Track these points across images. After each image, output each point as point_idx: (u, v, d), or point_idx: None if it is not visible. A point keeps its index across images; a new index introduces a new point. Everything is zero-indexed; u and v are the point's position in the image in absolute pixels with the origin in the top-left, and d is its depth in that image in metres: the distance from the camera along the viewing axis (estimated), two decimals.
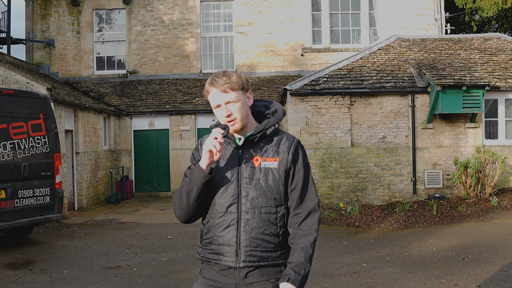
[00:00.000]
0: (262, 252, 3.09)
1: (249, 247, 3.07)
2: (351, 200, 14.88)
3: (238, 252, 3.08)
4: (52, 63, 24.25)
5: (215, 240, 3.12)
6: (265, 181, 3.10)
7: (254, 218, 3.08)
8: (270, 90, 22.12)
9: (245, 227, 3.07)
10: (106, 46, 24.51)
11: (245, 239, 3.07)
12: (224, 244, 3.10)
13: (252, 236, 3.07)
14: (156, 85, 23.30)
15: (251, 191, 3.09)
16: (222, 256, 3.11)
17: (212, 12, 24.14)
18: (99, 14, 24.44)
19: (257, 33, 23.76)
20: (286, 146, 3.15)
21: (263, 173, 3.11)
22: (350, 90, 15.23)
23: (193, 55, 23.87)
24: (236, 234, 3.08)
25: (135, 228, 13.81)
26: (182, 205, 3.15)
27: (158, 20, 23.94)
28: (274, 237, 3.11)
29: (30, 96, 11.90)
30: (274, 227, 3.11)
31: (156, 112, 21.55)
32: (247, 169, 3.11)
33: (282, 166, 3.12)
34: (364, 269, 8.79)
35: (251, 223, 3.07)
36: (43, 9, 24.36)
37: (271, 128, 3.18)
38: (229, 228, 3.09)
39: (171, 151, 21.62)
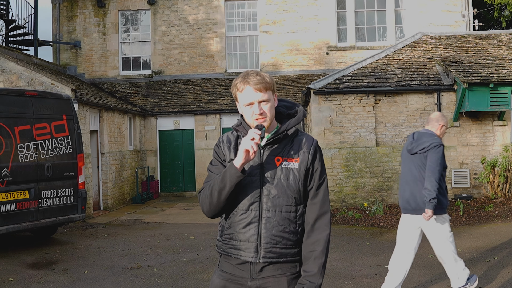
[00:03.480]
0: (282, 249, 3.20)
1: (269, 244, 3.18)
2: (376, 200, 14.70)
3: (258, 249, 3.18)
4: (79, 64, 24.46)
5: (235, 236, 3.23)
6: (286, 180, 3.19)
7: (275, 216, 3.18)
8: (295, 89, 21.99)
9: (266, 224, 3.18)
10: (131, 46, 24.64)
11: (266, 236, 3.18)
12: (245, 240, 3.20)
13: (272, 233, 3.18)
14: (181, 85, 23.34)
15: (273, 190, 3.18)
16: (241, 252, 3.21)
17: (237, 12, 24.11)
18: (125, 15, 24.58)
19: (281, 32, 23.65)
20: (306, 147, 3.25)
21: (284, 173, 3.21)
22: (375, 88, 15.05)
23: (217, 54, 23.86)
24: (257, 232, 3.19)
25: (159, 228, 13.82)
26: (212, 202, 3.22)
27: (182, 20, 23.99)
28: (293, 235, 3.22)
29: (53, 97, 11.97)
30: (293, 225, 3.22)
31: (181, 112, 21.58)
32: (269, 169, 3.20)
33: (303, 166, 3.22)
34: (386, 270, 8.59)
35: (272, 221, 3.18)
36: (69, 11, 24.58)
37: (292, 128, 3.28)
38: (250, 225, 3.20)
39: (196, 151, 21.63)
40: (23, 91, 11.56)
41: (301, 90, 21.19)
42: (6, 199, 10.58)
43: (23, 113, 11.07)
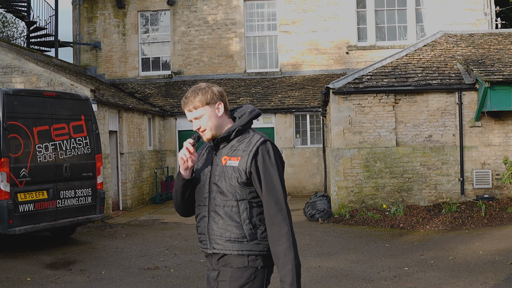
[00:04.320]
0: (226, 241, 3.47)
1: (215, 236, 3.50)
2: (396, 201, 14.53)
3: (209, 240, 3.53)
4: (99, 65, 24.57)
5: (198, 228, 3.63)
6: (228, 178, 3.48)
7: (219, 210, 3.49)
8: (314, 89, 21.87)
9: (213, 218, 3.51)
10: (151, 47, 24.69)
11: (212, 229, 3.51)
12: (202, 232, 3.58)
13: (218, 226, 3.49)
14: None
15: (218, 187, 3.50)
16: (201, 244, 3.61)
17: (256, 12, 24.03)
18: (144, 16, 24.64)
19: (301, 32, 23.53)
20: (250, 147, 3.50)
21: (227, 171, 3.49)
22: (395, 87, 14.87)
23: (237, 55, 23.81)
24: (207, 225, 3.54)
25: (177, 229, 13.80)
26: (175, 202, 3.72)
27: (202, 21, 23.97)
28: (237, 229, 3.46)
29: (71, 98, 12.01)
30: (237, 219, 3.47)
31: None
32: (217, 168, 3.54)
33: (242, 166, 3.46)
34: (405, 273, 8.51)
35: (217, 215, 3.50)
36: (89, 12, 24.70)
37: (235, 130, 3.56)
38: (204, 219, 3.57)
39: None
40: (41, 92, 11.60)
41: (320, 90, 21.03)
42: (24, 199, 10.62)
43: (41, 114, 11.11)
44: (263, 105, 21.29)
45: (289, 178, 21.07)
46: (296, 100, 21.33)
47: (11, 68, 16.15)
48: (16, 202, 10.50)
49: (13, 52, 16.79)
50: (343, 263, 9.25)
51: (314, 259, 9.63)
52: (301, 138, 21.39)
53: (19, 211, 10.55)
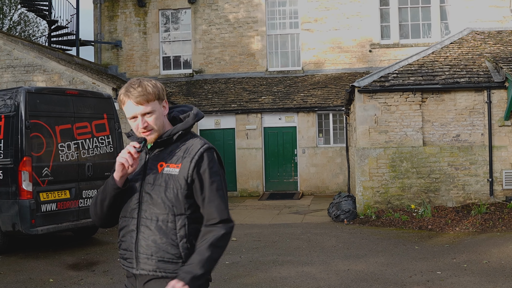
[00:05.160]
0: (158, 261, 2.98)
1: (145, 254, 2.98)
2: (423, 202, 14.20)
3: (137, 259, 3.00)
4: (120, 63, 24.49)
5: (122, 244, 3.09)
6: (164, 187, 3.00)
7: (151, 225, 2.99)
8: (337, 87, 21.58)
9: (143, 233, 3.00)
10: (172, 46, 24.56)
11: (142, 245, 2.99)
12: (127, 249, 3.05)
13: (148, 243, 2.98)
14: (222, 84, 23.15)
15: (151, 196, 3.01)
16: (125, 262, 3.06)
17: (278, 10, 23.80)
18: (165, 15, 24.52)
19: (323, 30, 23.25)
20: (191, 153, 3.04)
21: (164, 179, 3.02)
22: (421, 86, 14.54)
23: (258, 53, 23.58)
24: (135, 240, 3.01)
25: None
26: (96, 212, 3.13)
27: (223, 19, 23.79)
28: (171, 247, 2.98)
29: (93, 96, 11.86)
30: (172, 236, 2.98)
31: (222, 111, 21.38)
32: (151, 175, 3.04)
33: (183, 174, 3.00)
34: (438, 277, 8.22)
35: (148, 229, 2.99)
36: (110, 11, 24.63)
37: (178, 133, 3.08)
38: (131, 233, 3.03)
39: (237, 151, 21.40)
40: (64, 90, 11.47)
41: (343, 88, 20.77)
42: (47, 199, 10.49)
43: (64, 112, 10.97)
44: (285, 104, 21.05)
45: (311, 178, 20.82)
46: (319, 99, 21.05)
47: (33, 66, 16.10)
48: (38, 201, 10.37)
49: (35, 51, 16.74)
50: (372, 266, 8.97)
51: (343, 262, 9.37)
52: (323, 137, 21.11)
53: (42, 211, 10.42)
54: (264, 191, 21.27)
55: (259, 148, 21.25)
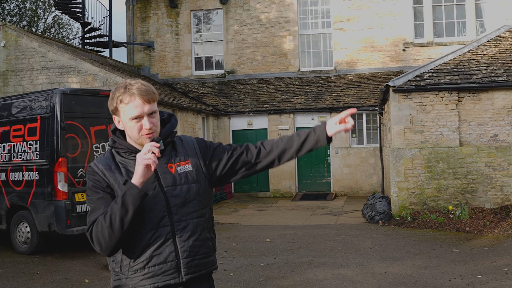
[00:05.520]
0: (202, 259, 2.94)
1: (189, 258, 2.89)
2: (460, 203, 13.93)
3: (179, 267, 2.87)
4: (152, 64, 24.60)
5: (153, 259, 2.85)
6: (188, 186, 2.93)
7: (187, 226, 2.89)
8: (370, 87, 21.35)
9: (181, 237, 2.88)
10: (204, 46, 24.58)
11: (184, 250, 2.88)
12: (164, 261, 2.85)
13: (190, 245, 2.89)
14: (254, 84, 23.08)
15: (177, 199, 2.89)
16: (161, 276, 2.85)
17: (310, 9, 23.64)
18: (197, 15, 24.55)
19: (356, 29, 23.03)
20: (190, 146, 3.05)
21: (183, 178, 2.94)
22: (458, 85, 14.27)
23: (290, 53, 23.46)
24: (174, 248, 2.86)
25: (234, 230, 13.55)
26: (113, 234, 2.74)
27: (255, 19, 23.73)
28: (207, 241, 2.99)
29: None
30: (206, 230, 2.99)
31: (254, 112, 21.32)
32: (167, 178, 2.91)
33: (196, 167, 2.99)
34: (479, 281, 8.01)
35: (185, 232, 2.89)
36: (142, 12, 24.76)
37: (173, 134, 3.04)
38: (166, 242, 2.85)
39: None
40: (98, 91, 11.52)
41: (376, 88, 20.55)
42: (82, 200, 10.53)
43: (98, 113, 11.01)
44: (318, 104, 20.91)
45: (344, 179, 20.64)
46: (352, 99, 20.85)
47: (67, 68, 16.23)
48: (73, 202, 10.44)
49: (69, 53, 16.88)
50: (410, 269, 8.80)
51: (379, 264, 9.21)
52: (357, 137, 20.90)
53: (77, 212, 10.48)
54: (297, 192, 21.15)
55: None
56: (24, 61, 16.82)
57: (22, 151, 11.00)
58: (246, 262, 9.76)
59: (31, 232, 10.92)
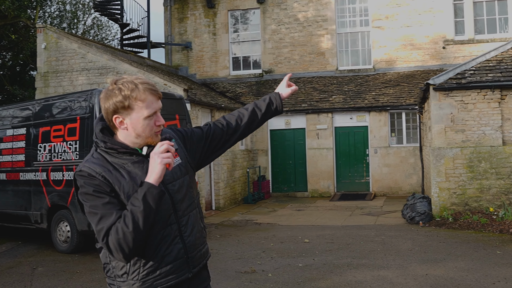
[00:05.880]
0: (201, 250, 3.00)
1: (195, 251, 2.93)
2: (503, 204, 13.60)
3: (188, 262, 2.90)
4: (190, 65, 24.70)
5: (163, 262, 2.81)
6: (182, 179, 2.92)
7: (188, 220, 2.92)
8: (410, 85, 21.05)
9: (186, 232, 2.89)
10: (241, 46, 24.57)
11: (190, 245, 2.90)
12: (174, 259, 2.84)
13: (193, 239, 2.92)
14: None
15: (179, 194, 2.89)
16: (171, 276, 2.84)
17: (348, 7, 23.42)
18: (234, 15, 24.56)
19: (394, 27, 22.73)
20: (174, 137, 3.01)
21: (178, 172, 2.92)
22: (500, 83, 13.94)
23: (328, 52, 23.29)
24: (183, 244, 2.87)
25: (271, 230, 13.49)
26: (137, 238, 2.64)
27: (292, 18, 23.62)
28: (203, 231, 3.06)
29: (166, 97, 11.91)
30: (200, 220, 3.04)
31: (292, 111, 21.22)
32: (166, 175, 2.83)
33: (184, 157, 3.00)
34: None
35: (189, 227, 2.91)
36: (180, 13, 24.88)
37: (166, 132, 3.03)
38: (174, 240, 2.84)
39: (308, 151, 21.19)
40: None
41: (416, 87, 20.26)
42: None
43: None
44: (356, 103, 20.71)
45: (384, 179, 20.40)
46: (391, 98, 20.59)
47: (106, 69, 16.39)
48: None
49: (108, 54, 17.04)
50: (452, 272, 8.61)
51: (420, 266, 9.04)
52: (396, 137, 20.63)
53: None
54: (335, 192, 20.98)
55: (330, 148, 20.97)
56: (64, 63, 17.06)
57: (62, 151, 11.13)
58: (284, 262, 9.69)
59: (71, 231, 11.05)
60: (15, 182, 12.29)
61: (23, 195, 12.07)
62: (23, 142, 12.16)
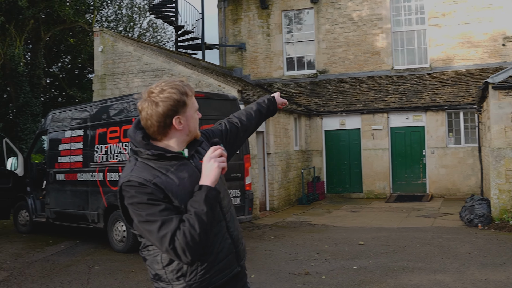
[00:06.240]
0: (243, 242, 3.07)
1: (239, 245, 3.01)
2: None
3: (237, 256, 2.98)
4: (244, 66, 24.79)
5: (217, 257, 2.86)
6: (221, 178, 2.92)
7: (231, 215, 2.99)
8: (468, 84, 20.55)
9: (231, 228, 2.96)
10: (295, 46, 24.51)
11: (236, 240, 2.98)
12: (226, 255, 2.90)
13: (237, 234, 2.99)
14: (346, 84, 22.78)
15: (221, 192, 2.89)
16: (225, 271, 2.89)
17: (403, 6, 23.05)
18: (288, 16, 24.51)
19: (452, 24, 22.23)
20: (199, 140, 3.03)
21: None
22: None
23: (383, 51, 22.98)
24: (231, 239, 2.94)
25: (326, 231, 13.39)
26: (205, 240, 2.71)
27: (346, 18, 23.41)
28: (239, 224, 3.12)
29: (219, 98, 11.99)
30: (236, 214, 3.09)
31: (346, 112, 21.03)
32: None
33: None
34: None
35: (232, 222, 2.98)
36: (234, 14, 25.00)
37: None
38: (224, 236, 2.91)
39: (363, 151, 20.96)
40: None
41: (474, 85, 19.77)
42: None
43: None
44: (412, 103, 20.36)
45: (441, 180, 19.98)
46: (448, 97, 20.15)
47: (161, 71, 16.60)
48: None
49: (163, 56, 17.25)
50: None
51: (479, 271, 8.79)
52: (454, 137, 20.17)
53: None
54: (391, 193, 20.67)
55: (386, 149, 20.68)
56: (120, 65, 17.36)
57: (118, 152, 11.31)
58: (339, 264, 9.58)
59: (127, 231, 11.21)
60: (73, 182, 12.57)
61: (80, 195, 12.34)
62: (81, 143, 12.42)
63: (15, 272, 9.96)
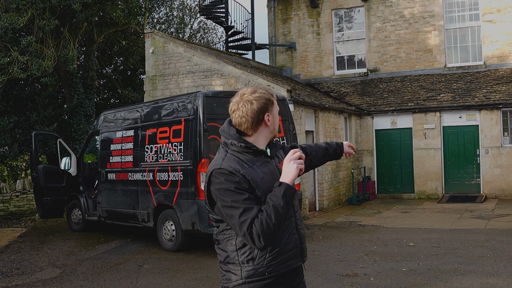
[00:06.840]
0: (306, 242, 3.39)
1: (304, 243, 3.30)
2: None
3: (301, 251, 3.27)
4: (294, 65, 24.73)
5: (284, 248, 3.17)
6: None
7: (299, 214, 3.34)
8: None
9: (299, 225, 3.29)
10: (345, 45, 24.30)
11: (302, 237, 3.29)
12: (293, 248, 3.20)
13: (303, 232, 3.32)
14: (398, 83, 22.46)
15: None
16: (291, 262, 3.19)
17: (456, 2, 22.56)
18: (338, 14, 24.33)
19: (507, 20, 21.65)
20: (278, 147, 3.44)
21: None
22: None
23: (436, 48, 22.55)
24: (298, 235, 3.26)
25: (375, 232, 13.22)
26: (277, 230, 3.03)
27: (398, 15, 23.07)
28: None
29: None
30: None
31: (398, 111, 20.74)
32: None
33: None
34: None
35: (300, 220, 3.32)
36: (284, 13, 24.96)
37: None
38: (293, 230, 3.22)
39: (415, 151, 20.63)
40: None
41: None
42: None
43: None
44: (466, 101, 19.92)
45: (495, 180, 19.50)
46: (504, 95, 19.63)
47: (211, 71, 16.70)
48: None
49: (213, 56, 17.36)
50: None
51: None
52: (509, 136, 19.64)
53: None
54: (443, 194, 20.28)
55: (438, 148, 20.30)
56: (171, 66, 17.55)
57: (168, 152, 11.43)
58: (388, 266, 9.45)
59: (176, 230, 11.32)
60: (124, 182, 12.77)
61: (131, 194, 12.52)
62: (131, 143, 12.61)
63: (67, 269, 10.19)
